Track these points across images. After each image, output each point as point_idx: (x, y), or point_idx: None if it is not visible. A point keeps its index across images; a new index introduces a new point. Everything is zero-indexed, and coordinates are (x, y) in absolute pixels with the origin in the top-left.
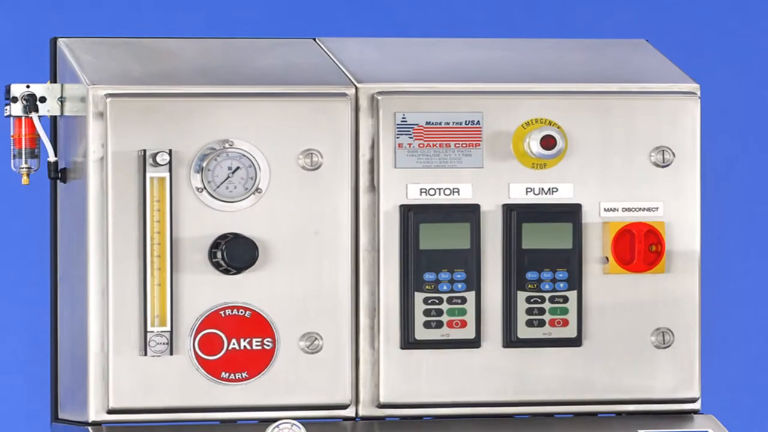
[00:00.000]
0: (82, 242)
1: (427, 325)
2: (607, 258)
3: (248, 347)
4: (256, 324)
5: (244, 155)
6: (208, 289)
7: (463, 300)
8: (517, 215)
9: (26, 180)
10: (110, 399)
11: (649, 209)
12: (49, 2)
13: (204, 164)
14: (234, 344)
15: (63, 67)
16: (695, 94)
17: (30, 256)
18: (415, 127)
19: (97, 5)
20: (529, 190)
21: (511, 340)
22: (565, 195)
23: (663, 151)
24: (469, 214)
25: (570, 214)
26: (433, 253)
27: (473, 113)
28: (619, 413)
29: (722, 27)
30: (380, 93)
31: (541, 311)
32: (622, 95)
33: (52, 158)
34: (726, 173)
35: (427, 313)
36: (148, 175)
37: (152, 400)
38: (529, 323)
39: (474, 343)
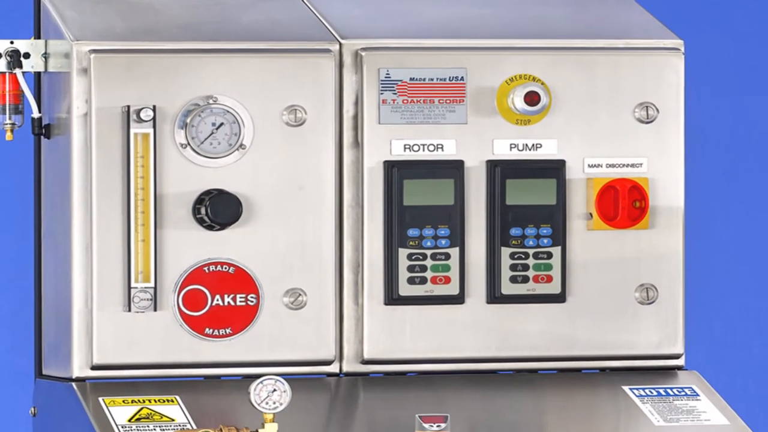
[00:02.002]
0: (66, 198)
1: (411, 281)
2: (591, 214)
3: (232, 303)
4: (240, 280)
5: (228, 111)
6: (192, 245)
7: (447, 256)
8: (501, 171)
9: (10, 136)
10: (94, 355)
11: (633, 165)
12: None
13: (188, 120)
14: (218, 300)
15: (47, 23)
16: (679, 50)
17: (14, 212)
18: (399, 83)
19: None
20: (513, 146)
21: (494, 297)
22: (549, 151)
23: (647, 107)
24: (453, 170)
25: (554, 170)
26: (417, 209)
27: (457, 69)
28: (602, 369)
29: None
30: (364, 49)
31: (525, 267)
32: (607, 51)
33: (36, 114)
34: (710, 129)
35: (411, 269)
36: (132, 131)
37: (136, 356)
38: (513, 279)
39: (458, 299)
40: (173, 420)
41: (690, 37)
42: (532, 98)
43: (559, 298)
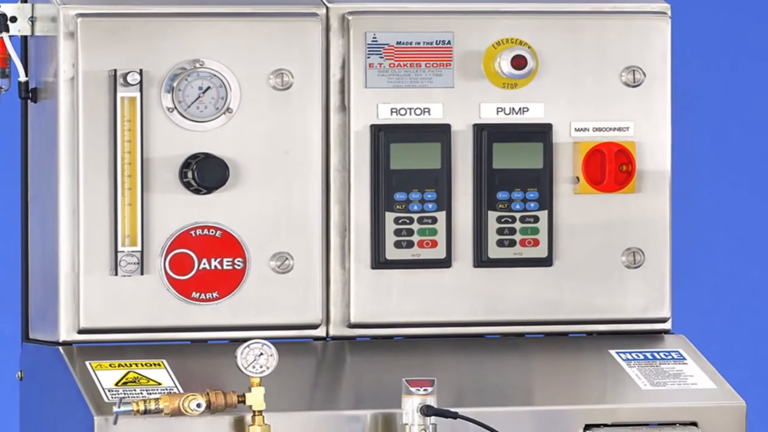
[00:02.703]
0: (52, 162)
1: (397, 244)
2: (577, 178)
3: (219, 267)
4: (227, 244)
5: (214, 75)
6: (179, 209)
7: (434, 220)
8: (487, 135)
9: None
10: (81, 319)
11: (619, 129)
12: None
13: (174, 84)
14: (205, 264)
15: None
16: (666, 14)
17: (0, 175)
18: (386, 47)
19: None
20: (499, 109)
21: (481, 260)
22: (535, 115)
23: (634, 71)
24: (440, 134)
25: (541, 134)
26: (403, 173)
27: (444, 33)
28: (589, 333)
29: None
30: (351, 13)
31: (512, 231)
32: (593, 15)
33: (22, 78)
34: (697, 93)
35: (397, 232)
36: (119, 95)
37: (123, 320)
38: (500, 243)
39: (445, 263)
40: (160, 384)
41: (676, 1)
42: (518, 62)
43: (546, 262)
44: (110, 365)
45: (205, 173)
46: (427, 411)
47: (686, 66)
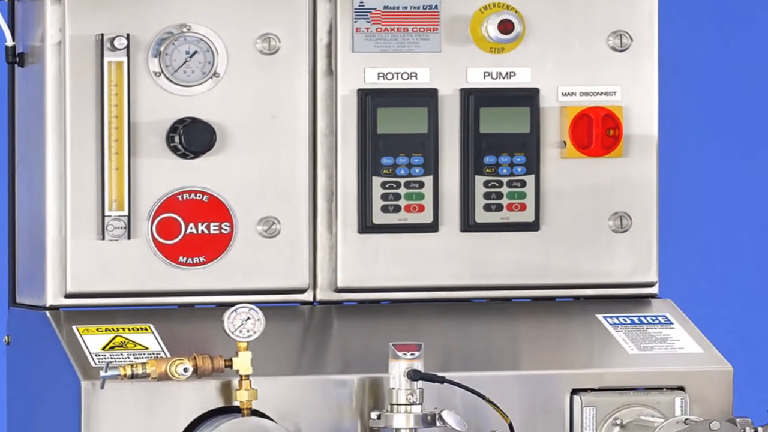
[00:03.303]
0: (39, 127)
1: (384, 209)
2: (564, 142)
3: (206, 231)
4: (214, 208)
5: (201, 39)
6: (166, 174)
7: (421, 184)
8: (474, 99)
9: None
10: (68, 283)
11: (606, 93)
12: None
13: (161, 48)
14: (192, 228)
15: None
16: None
17: None
18: (373, 11)
19: None
20: (486, 74)
21: (468, 225)
22: (522, 79)
23: (621, 35)
24: (427, 98)
25: (527, 98)
26: (390, 137)
27: None
28: (576, 298)
29: None
30: None
31: (499, 196)
32: None
33: (9, 43)
34: (684, 57)
35: (384, 197)
36: (106, 59)
37: (110, 284)
38: (487, 208)
39: (432, 227)
40: (147, 348)
41: None
42: (505, 26)
43: (533, 226)
44: (97, 330)
45: (192, 138)
46: (414, 375)
47: (673, 30)
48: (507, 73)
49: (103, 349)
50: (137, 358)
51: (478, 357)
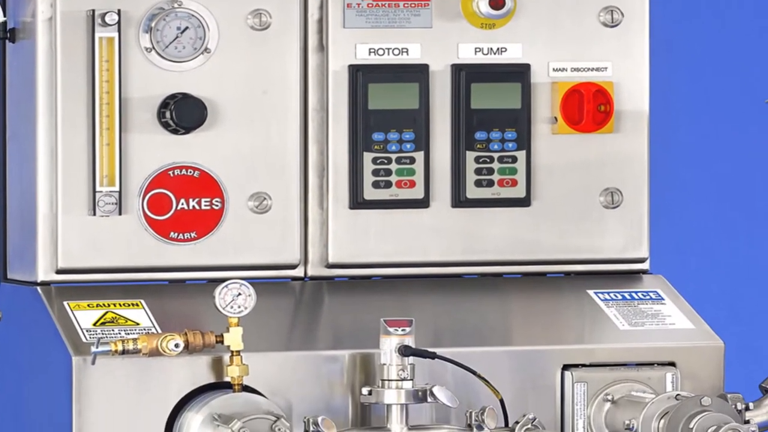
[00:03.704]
0: (31, 103)
1: (375, 185)
2: (555, 118)
3: (197, 207)
4: (205, 184)
5: (192, 15)
6: (157, 149)
7: (412, 160)
8: (465, 75)
9: None
10: (59, 259)
11: (597, 69)
12: None
13: (153, 24)
14: (183, 204)
15: None
16: None
17: None
18: None
19: None
20: (477, 50)
21: (459, 200)
22: (513, 55)
23: (612, 11)
24: (418, 74)
25: (519, 74)
26: (381, 113)
27: None
28: (567, 273)
29: None
30: None
31: (490, 171)
32: None
33: (0, 18)
34: (675, 33)
35: (375, 173)
36: (97, 35)
37: (101, 260)
38: (478, 183)
39: (423, 203)
40: (138, 324)
41: None
42: (496, 2)
43: (524, 202)
44: (88, 305)
45: (183, 113)
46: (405, 351)
47: (664, 6)
48: (498, 49)
49: (94, 324)
50: (128, 334)
51: (469, 333)
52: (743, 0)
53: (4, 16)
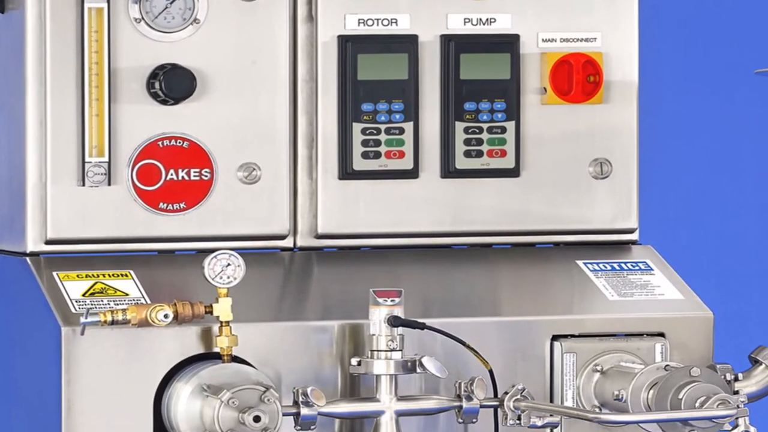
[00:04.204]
0: (20, 73)
1: (365, 155)
2: (545, 89)
3: (186, 178)
4: (194, 154)
5: None
6: (146, 120)
7: (401, 131)
8: (455, 46)
9: None
10: (48, 229)
11: (587, 40)
12: None
13: None
14: (172, 174)
15: None
16: None
17: None
18: None
19: None
20: (467, 20)
21: (449, 171)
22: (503, 26)
23: None
24: (407, 44)
25: (508, 44)
26: (371, 83)
27: None
28: (556, 244)
29: None
30: None
31: (479, 142)
32: None
33: None
34: (664, 3)
35: (365, 143)
36: (86, 5)
37: (90, 231)
38: (467, 154)
39: (412, 173)
40: (127, 294)
41: None
42: None
43: (513, 172)
44: (77, 276)
45: (173, 84)
46: (394, 322)
47: None
48: (487, 20)
49: (84, 295)
50: (117, 305)
51: (459, 303)
52: None
53: None
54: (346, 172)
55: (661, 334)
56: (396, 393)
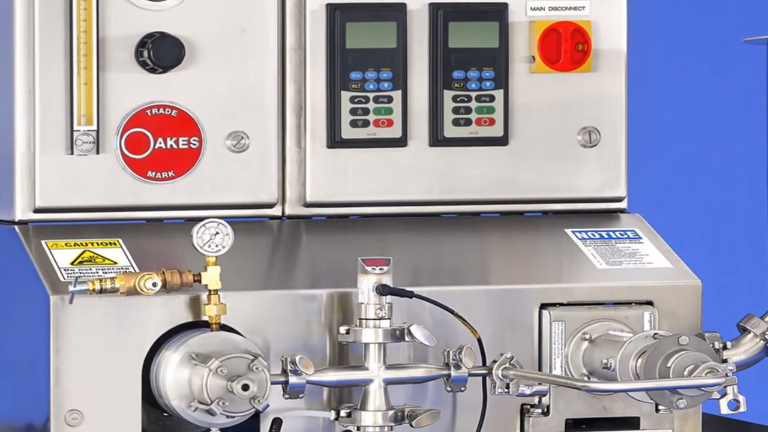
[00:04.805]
0: (8, 42)
1: (353, 124)
2: (533, 57)
3: (174, 146)
4: (183, 123)
5: None
6: (135, 89)
7: (390, 99)
8: (443, 14)
9: None
10: (37, 198)
11: (575, 8)
12: None
13: None
14: (160, 143)
15: None
16: None
17: None
18: None
19: None
20: None
21: (437, 139)
22: None
23: None
24: (396, 12)
25: (496, 13)
26: (359, 52)
27: None
28: (545, 212)
29: None
30: None
31: (468, 110)
32: None
33: None
34: None
35: (353, 112)
36: None
37: (79, 199)
38: (456, 122)
39: (400, 142)
40: (116, 263)
41: None
42: None
43: (502, 141)
44: (66, 244)
45: (161, 52)
46: (382, 290)
47: None
48: None
49: (72, 263)
50: (106, 273)
51: (447, 272)
52: None
53: None
54: (335, 141)
55: (650, 303)
56: (384, 361)
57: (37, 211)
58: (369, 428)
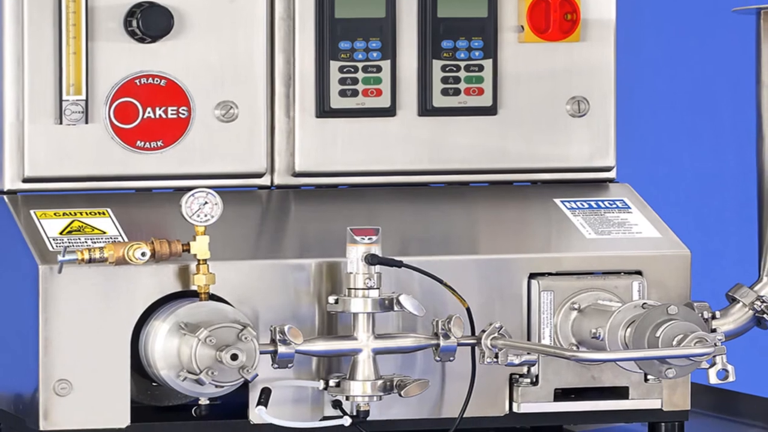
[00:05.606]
0: None
1: (342, 93)
2: (522, 27)
3: (163, 116)
4: (172, 92)
5: None
6: (124, 58)
7: (379, 69)
8: None
9: None
10: (25, 167)
11: None
12: None
13: None
14: (149, 113)
15: None
16: None
17: None
18: None
19: None
20: None
21: (426, 109)
22: None
23: None
24: None
25: None
26: (348, 21)
27: None
28: (534, 182)
29: None
30: None
31: (457, 80)
32: None
33: None
34: None
35: (342, 81)
36: None
37: (67, 169)
38: (445, 92)
39: (389, 111)
40: (105, 233)
41: None
42: None
43: (491, 110)
44: (55, 214)
45: (150, 22)
46: (371, 260)
47: None
48: None
49: (61, 233)
50: (95, 243)
51: (436, 241)
52: None
53: None
54: (324, 111)
55: (639, 272)
56: (373, 331)
57: (25, 180)
58: (358, 398)
